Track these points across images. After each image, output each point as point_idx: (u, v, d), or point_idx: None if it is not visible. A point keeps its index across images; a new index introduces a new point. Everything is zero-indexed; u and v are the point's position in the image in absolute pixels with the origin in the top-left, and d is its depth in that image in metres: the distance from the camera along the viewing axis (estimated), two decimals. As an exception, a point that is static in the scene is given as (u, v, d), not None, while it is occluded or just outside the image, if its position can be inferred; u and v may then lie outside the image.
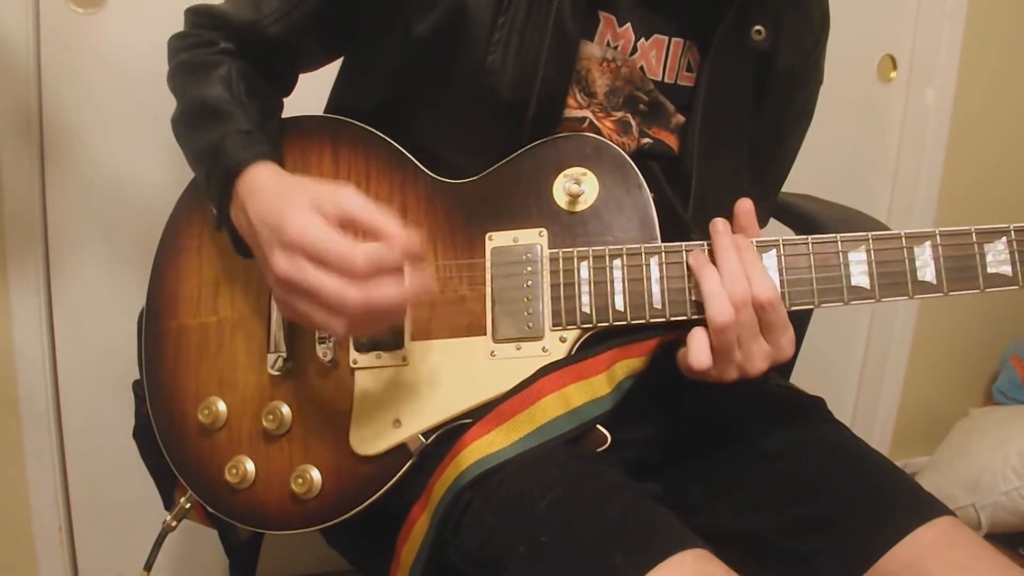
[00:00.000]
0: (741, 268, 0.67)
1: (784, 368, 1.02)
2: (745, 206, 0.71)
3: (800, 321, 0.96)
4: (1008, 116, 1.87)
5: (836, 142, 1.77)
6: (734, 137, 0.81)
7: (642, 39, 0.77)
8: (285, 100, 0.86)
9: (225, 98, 0.76)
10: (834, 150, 1.76)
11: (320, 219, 0.64)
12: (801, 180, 1.02)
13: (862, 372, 1.97)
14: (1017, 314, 1.99)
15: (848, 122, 1.77)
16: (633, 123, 0.79)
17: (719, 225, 0.70)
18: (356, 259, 0.62)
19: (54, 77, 1.27)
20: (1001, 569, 0.65)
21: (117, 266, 1.35)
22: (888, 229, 0.72)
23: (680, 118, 0.80)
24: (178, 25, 0.85)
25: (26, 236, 1.30)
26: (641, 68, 0.78)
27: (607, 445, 0.70)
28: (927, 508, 0.69)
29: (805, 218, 1.01)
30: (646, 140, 0.80)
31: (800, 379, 0.89)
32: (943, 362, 2.00)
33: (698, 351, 0.67)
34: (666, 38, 0.77)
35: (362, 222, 0.64)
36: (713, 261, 0.69)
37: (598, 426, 0.70)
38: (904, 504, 0.70)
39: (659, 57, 0.78)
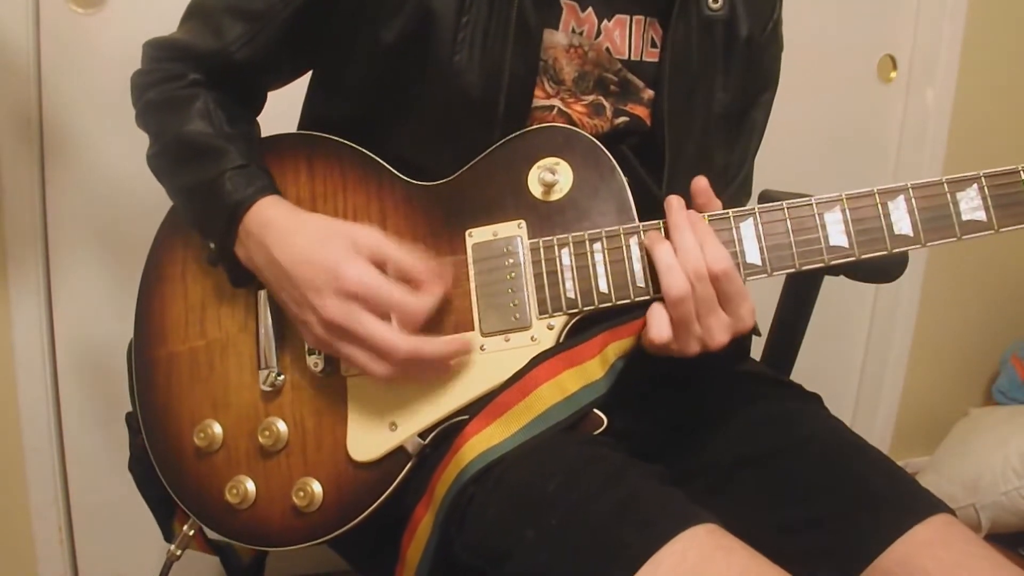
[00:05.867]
0: (695, 241, 0.67)
1: (784, 364, 1.02)
2: (701, 184, 0.72)
3: (806, 297, 0.97)
4: (1008, 116, 1.87)
5: (836, 142, 1.77)
6: (703, 109, 0.82)
7: (605, 20, 0.78)
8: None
9: (209, 132, 0.76)
10: (834, 150, 1.76)
11: (373, 267, 0.67)
12: (802, 180, 1.02)
13: (862, 372, 1.97)
14: (1017, 314, 1.99)
15: (848, 122, 1.77)
16: (607, 104, 0.80)
17: (673, 202, 0.70)
18: (418, 310, 0.67)
19: (54, 77, 1.27)
20: (997, 567, 0.65)
21: (117, 266, 1.35)
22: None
23: (649, 92, 0.81)
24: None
25: (26, 236, 1.30)
26: (607, 49, 0.79)
27: (604, 427, 0.70)
28: (923, 506, 0.69)
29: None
30: (621, 118, 0.80)
31: (800, 379, 0.89)
32: (943, 362, 2.00)
33: (657, 325, 0.68)
34: (627, 16, 0.79)
35: (396, 265, 0.68)
36: (669, 238, 0.69)
37: (595, 410, 0.70)
38: (900, 502, 0.69)
39: (623, 36, 0.79)
